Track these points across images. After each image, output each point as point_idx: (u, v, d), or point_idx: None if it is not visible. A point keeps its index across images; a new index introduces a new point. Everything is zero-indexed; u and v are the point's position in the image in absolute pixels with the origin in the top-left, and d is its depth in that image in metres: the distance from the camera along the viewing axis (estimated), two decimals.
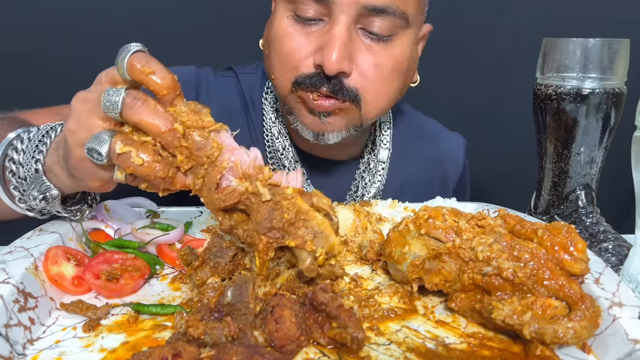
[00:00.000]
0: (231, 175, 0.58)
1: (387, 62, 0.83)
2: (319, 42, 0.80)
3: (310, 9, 0.80)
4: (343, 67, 0.79)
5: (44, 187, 0.67)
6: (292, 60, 0.82)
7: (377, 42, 0.82)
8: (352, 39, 0.80)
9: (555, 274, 0.55)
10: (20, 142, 0.68)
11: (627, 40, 0.83)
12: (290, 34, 0.82)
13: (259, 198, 0.58)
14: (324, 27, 0.80)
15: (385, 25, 0.80)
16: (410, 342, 0.57)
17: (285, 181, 0.59)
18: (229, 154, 0.58)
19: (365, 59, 0.82)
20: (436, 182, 1.17)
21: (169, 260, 0.74)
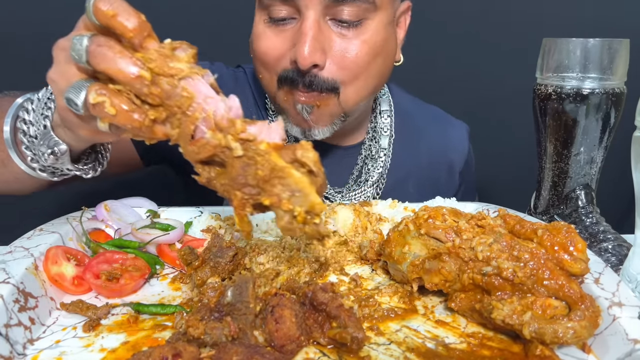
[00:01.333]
0: (204, 126, 0.54)
1: (360, 46, 0.85)
2: (293, 39, 0.84)
3: (282, 10, 0.84)
4: (315, 60, 0.82)
5: (52, 142, 0.67)
6: (270, 59, 0.87)
7: (347, 29, 0.85)
8: (323, 31, 0.83)
9: (555, 274, 0.55)
10: (30, 103, 0.69)
11: (627, 40, 0.83)
12: (266, 35, 0.86)
13: (232, 152, 0.54)
14: (296, 25, 0.84)
15: (353, 12, 0.83)
16: (410, 342, 0.57)
17: (266, 134, 0.55)
18: (202, 103, 0.54)
19: (338, 47, 0.85)
20: (443, 168, 1.19)
21: (169, 260, 0.74)
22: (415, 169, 1.14)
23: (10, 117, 0.69)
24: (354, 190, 1.06)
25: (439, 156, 1.18)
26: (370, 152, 1.09)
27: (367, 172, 1.08)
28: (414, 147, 1.14)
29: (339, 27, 0.84)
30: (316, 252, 0.75)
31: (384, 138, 1.09)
